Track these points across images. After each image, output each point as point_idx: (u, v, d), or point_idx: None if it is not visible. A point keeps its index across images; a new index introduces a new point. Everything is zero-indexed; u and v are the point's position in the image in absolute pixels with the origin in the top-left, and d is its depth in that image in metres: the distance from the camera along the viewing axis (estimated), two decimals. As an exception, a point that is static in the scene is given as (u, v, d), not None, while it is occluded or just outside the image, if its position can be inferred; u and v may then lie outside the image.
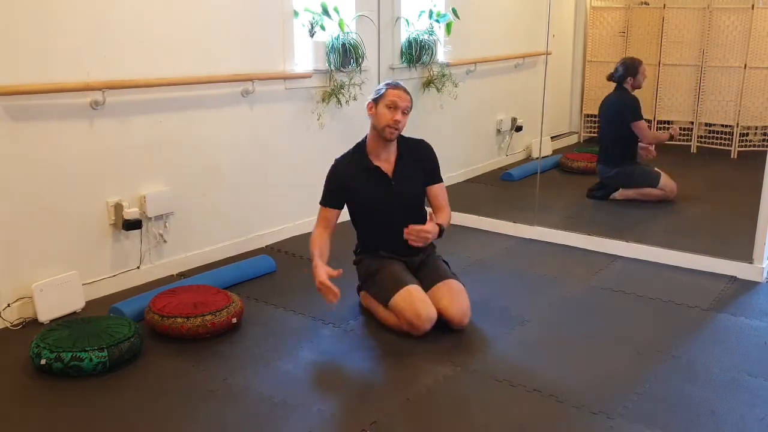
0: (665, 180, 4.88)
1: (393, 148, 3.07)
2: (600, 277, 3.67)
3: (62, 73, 3.05)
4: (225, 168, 3.83)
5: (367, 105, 3.03)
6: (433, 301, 2.94)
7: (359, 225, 3.17)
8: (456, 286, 3.01)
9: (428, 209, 3.16)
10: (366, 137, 3.08)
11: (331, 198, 3.07)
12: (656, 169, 4.91)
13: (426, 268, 3.08)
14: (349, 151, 3.11)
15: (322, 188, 3.09)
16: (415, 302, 2.87)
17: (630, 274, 3.70)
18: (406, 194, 3.08)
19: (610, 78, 5.03)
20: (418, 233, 2.91)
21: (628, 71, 4.93)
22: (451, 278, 3.05)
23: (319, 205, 3.09)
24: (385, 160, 3.05)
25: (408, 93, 3.00)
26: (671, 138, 5.17)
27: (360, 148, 3.08)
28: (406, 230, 2.91)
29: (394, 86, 3.00)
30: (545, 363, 2.75)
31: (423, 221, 3.02)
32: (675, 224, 4.55)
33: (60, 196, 3.14)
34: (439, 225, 3.01)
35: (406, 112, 2.97)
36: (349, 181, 3.04)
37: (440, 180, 3.17)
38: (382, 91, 2.99)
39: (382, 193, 3.04)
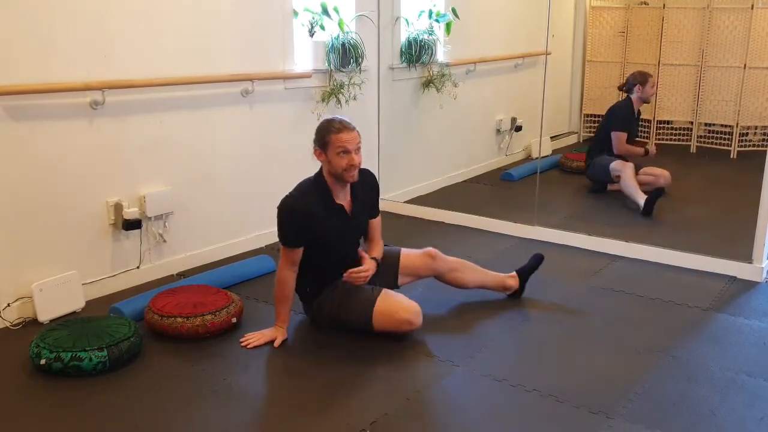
0: (651, 170, 4.96)
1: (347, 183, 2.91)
2: (600, 277, 3.67)
3: (62, 73, 3.05)
4: (225, 168, 3.83)
5: (314, 150, 2.83)
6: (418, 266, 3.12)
7: (314, 263, 2.92)
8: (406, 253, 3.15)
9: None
10: (319, 175, 2.88)
11: (298, 237, 2.83)
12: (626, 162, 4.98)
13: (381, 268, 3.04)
14: (303, 189, 2.88)
15: (279, 228, 2.84)
16: (391, 314, 2.85)
17: (630, 274, 3.70)
18: (361, 229, 3.03)
19: (621, 88, 5.15)
20: (358, 276, 2.86)
21: (636, 80, 5.02)
22: (400, 249, 3.15)
23: (283, 247, 2.85)
24: (344, 198, 2.91)
25: (352, 127, 2.79)
26: (646, 153, 5.10)
27: (320, 186, 2.86)
28: (345, 275, 2.85)
29: (337, 130, 2.75)
30: (545, 363, 2.75)
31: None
32: (675, 224, 4.55)
33: (60, 196, 3.14)
34: (376, 259, 2.98)
35: (359, 149, 2.79)
36: (313, 220, 2.82)
37: (379, 212, 3.09)
38: (327, 138, 2.76)
39: (343, 230, 2.92)
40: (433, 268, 3.16)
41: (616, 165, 4.93)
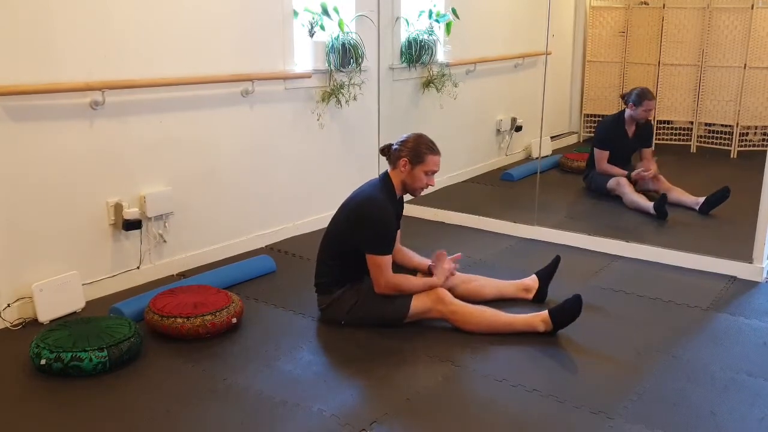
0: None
1: None
2: (600, 277, 3.67)
3: (62, 73, 3.05)
4: (225, 168, 3.83)
5: (402, 160, 2.95)
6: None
7: (359, 259, 2.97)
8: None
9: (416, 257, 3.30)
10: (388, 180, 3.01)
11: (392, 242, 3.02)
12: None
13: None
14: (383, 191, 2.99)
15: (379, 237, 2.92)
16: (433, 299, 2.97)
17: (630, 274, 3.70)
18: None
19: (622, 96, 5.10)
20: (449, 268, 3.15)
21: (629, 98, 4.96)
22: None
23: (382, 256, 2.91)
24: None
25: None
26: (629, 179, 4.88)
27: (389, 189, 3.01)
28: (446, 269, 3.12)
29: (434, 152, 2.97)
30: (545, 363, 2.75)
31: None
32: (675, 224, 4.55)
33: (60, 196, 3.14)
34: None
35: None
36: (393, 218, 3.03)
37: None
38: (423, 157, 2.94)
39: (396, 231, 3.11)
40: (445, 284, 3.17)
41: (611, 185, 4.88)
